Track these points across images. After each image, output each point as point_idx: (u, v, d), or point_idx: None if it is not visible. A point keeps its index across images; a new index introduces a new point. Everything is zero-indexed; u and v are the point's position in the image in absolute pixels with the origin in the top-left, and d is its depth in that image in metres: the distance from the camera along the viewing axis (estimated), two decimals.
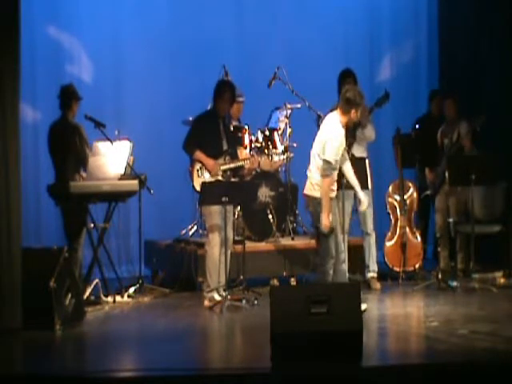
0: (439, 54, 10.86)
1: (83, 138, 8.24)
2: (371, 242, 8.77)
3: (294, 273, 8.96)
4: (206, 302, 8.00)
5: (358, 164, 8.36)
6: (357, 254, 8.73)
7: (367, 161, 8.52)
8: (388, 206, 9.26)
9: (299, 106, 9.49)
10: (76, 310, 7.25)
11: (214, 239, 8.06)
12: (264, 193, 9.11)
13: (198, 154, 8.19)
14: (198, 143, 8.18)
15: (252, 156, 8.82)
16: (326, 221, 7.22)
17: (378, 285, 8.70)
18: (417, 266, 9.11)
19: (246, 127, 9.22)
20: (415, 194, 9.23)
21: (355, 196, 8.64)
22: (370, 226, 8.75)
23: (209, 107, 8.42)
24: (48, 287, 6.91)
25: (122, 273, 8.77)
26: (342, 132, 7.32)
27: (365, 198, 7.49)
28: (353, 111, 7.26)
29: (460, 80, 10.29)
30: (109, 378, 5.67)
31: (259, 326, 6.76)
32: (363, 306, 6.80)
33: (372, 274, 8.75)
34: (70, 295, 7.17)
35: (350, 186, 8.26)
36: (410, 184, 9.26)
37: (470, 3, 10.25)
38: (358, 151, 8.67)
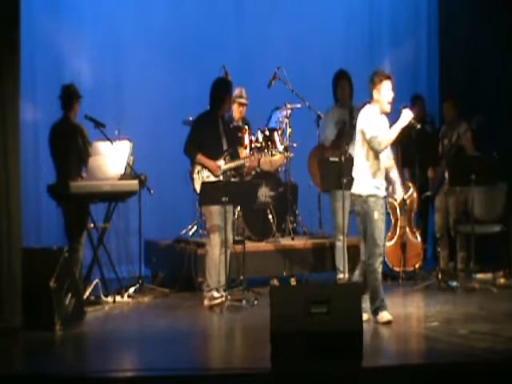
0: (439, 54, 10.85)
1: (85, 138, 8.24)
2: None
3: (293, 273, 8.96)
4: (206, 302, 8.00)
5: None
6: (354, 254, 8.73)
7: None
8: (388, 206, 9.25)
9: (299, 105, 9.49)
10: (76, 309, 7.25)
11: (215, 239, 8.06)
12: (264, 193, 9.10)
13: (200, 158, 8.18)
14: (199, 145, 8.18)
15: (252, 155, 8.82)
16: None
17: None
18: (417, 265, 9.11)
19: (246, 127, 9.23)
20: (415, 194, 9.23)
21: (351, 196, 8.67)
22: None
23: (208, 107, 8.42)
24: (48, 287, 6.91)
25: (121, 273, 8.77)
26: (376, 117, 7.12)
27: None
28: (378, 88, 7.06)
29: (460, 80, 10.29)
30: (109, 378, 5.68)
31: (259, 326, 6.76)
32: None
33: None
34: (70, 295, 7.16)
35: (347, 186, 8.29)
36: (410, 184, 9.26)
37: (470, 3, 10.24)
38: (354, 151, 8.68)
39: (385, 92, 7.07)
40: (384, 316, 7.05)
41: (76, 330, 7.09)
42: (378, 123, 7.10)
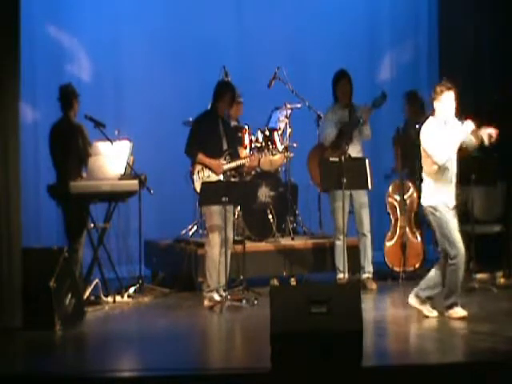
0: (439, 54, 10.85)
1: (85, 138, 8.24)
2: (367, 242, 8.76)
3: (293, 273, 8.96)
4: (206, 302, 8.00)
5: (357, 164, 8.38)
6: (354, 254, 8.75)
7: (367, 160, 8.50)
8: (388, 206, 9.26)
9: (299, 105, 9.50)
10: (76, 310, 7.26)
11: (214, 239, 8.06)
12: (264, 193, 9.11)
13: (201, 158, 8.18)
14: (199, 145, 8.17)
15: (252, 154, 8.82)
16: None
17: (373, 285, 8.71)
18: (417, 265, 9.11)
19: (246, 127, 9.23)
20: (415, 194, 9.22)
21: (351, 196, 8.68)
22: (366, 226, 8.75)
23: (208, 107, 8.42)
24: (48, 287, 6.92)
25: (121, 273, 8.77)
26: (436, 130, 7.11)
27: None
28: (439, 99, 7.11)
29: (460, 80, 10.27)
30: (109, 378, 5.68)
31: (259, 326, 6.77)
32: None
33: (367, 274, 8.76)
34: (70, 295, 7.17)
35: (347, 186, 8.29)
36: (410, 184, 9.26)
37: (470, 3, 10.24)
38: (354, 151, 8.71)
39: (446, 103, 7.12)
40: (458, 311, 7.14)
41: (76, 330, 7.09)
42: (439, 136, 7.10)
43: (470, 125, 7.16)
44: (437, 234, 7.28)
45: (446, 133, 7.12)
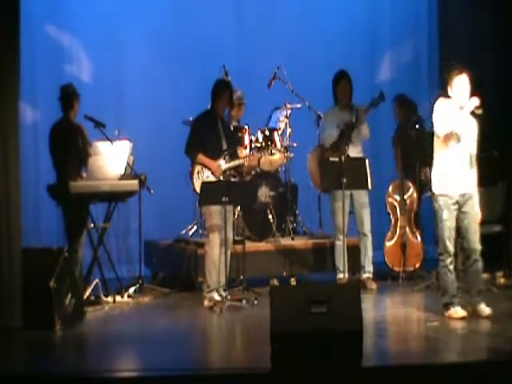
0: (439, 54, 10.85)
1: (85, 138, 8.24)
2: (367, 242, 8.76)
3: (293, 273, 8.96)
4: (206, 302, 8.00)
5: (357, 164, 8.38)
6: (354, 254, 8.75)
7: (367, 160, 8.50)
8: (388, 206, 9.26)
9: (299, 106, 9.50)
10: (76, 310, 7.26)
11: (214, 239, 8.06)
12: (264, 193, 9.11)
13: (201, 158, 8.18)
14: (199, 145, 8.17)
15: (251, 154, 8.81)
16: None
17: (373, 285, 8.71)
18: (417, 265, 9.11)
19: (246, 127, 9.22)
20: (415, 194, 9.23)
21: (351, 196, 8.68)
22: (366, 226, 8.75)
23: (208, 107, 8.42)
24: (48, 287, 6.92)
25: (121, 273, 8.77)
26: (449, 107, 7.02)
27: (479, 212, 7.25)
28: (450, 84, 7.05)
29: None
30: (109, 378, 5.68)
31: (259, 326, 6.76)
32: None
33: (368, 274, 8.76)
34: (70, 295, 7.18)
35: (347, 186, 8.29)
36: (410, 184, 9.25)
37: (470, 3, 10.24)
38: (354, 151, 8.70)
39: (458, 87, 7.06)
40: (456, 311, 7.10)
41: (76, 330, 7.09)
42: (448, 111, 7.01)
43: (474, 100, 7.03)
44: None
45: (457, 115, 7.01)
